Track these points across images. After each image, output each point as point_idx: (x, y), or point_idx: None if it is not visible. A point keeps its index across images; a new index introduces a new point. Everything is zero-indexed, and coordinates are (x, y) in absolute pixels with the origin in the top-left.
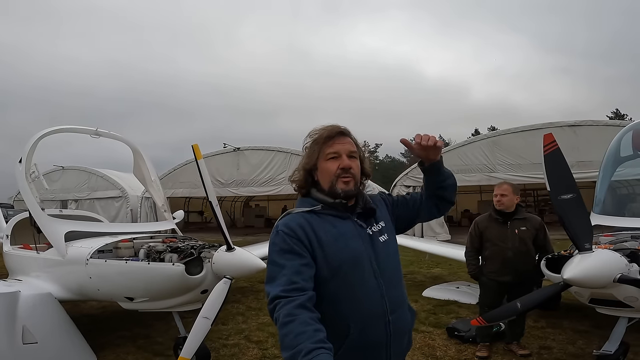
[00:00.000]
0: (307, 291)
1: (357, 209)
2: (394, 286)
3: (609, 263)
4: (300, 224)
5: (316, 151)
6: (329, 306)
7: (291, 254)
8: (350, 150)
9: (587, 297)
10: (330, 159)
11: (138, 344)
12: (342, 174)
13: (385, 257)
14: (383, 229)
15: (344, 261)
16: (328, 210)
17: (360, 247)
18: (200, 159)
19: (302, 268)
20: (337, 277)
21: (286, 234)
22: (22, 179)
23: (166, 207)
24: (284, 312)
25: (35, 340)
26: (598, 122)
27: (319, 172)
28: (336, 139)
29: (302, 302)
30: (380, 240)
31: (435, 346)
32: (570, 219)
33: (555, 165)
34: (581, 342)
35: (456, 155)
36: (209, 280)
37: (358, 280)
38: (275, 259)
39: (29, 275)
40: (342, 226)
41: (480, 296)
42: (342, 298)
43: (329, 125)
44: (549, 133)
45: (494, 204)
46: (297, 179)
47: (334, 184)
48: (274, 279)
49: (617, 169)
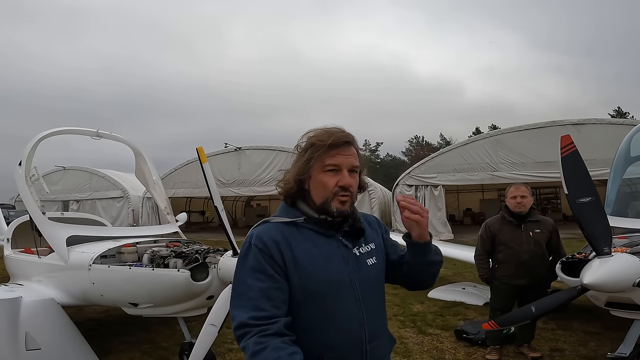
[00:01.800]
0: (277, 318)
1: (344, 227)
2: (376, 314)
3: (629, 267)
4: (275, 240)
5: (314, 158)
6: (302, 334)
7: (262, 274)
8: (352, 165)
9: (604, 300)
10: (328, 171)
11: (143, 349)
12: (339, 192)
13: (370, 281)
14: (372, 251)
15: (322, 285)
16: (311, 224)
17: (342, 269)
18: (205, 163)
19: (273, 292)
20: (313, 302)
21: (260, 250)
22: (22, 182)
23: (169, 209)
24: (254, 341)
25: (38, 346)
26: (601, 120)
27: (312, 183)
28: (340, 149)
29: (272, 331)
30: (367, 263)
31: (443, 349)
32: (589, 222)
33: (574, 167)
34: (593, 343)
35: (459, 153)
36: (214, 286)
37: (336, 307)
38: (243, 277)
39: (31, 280)
40: (324, 245)
41: (491, 300)
42: (316, 325)
43: (333, 128)
44: (566, 135)
45: (512, 206)
46: (286, 186)
47: (329, 201)
48: (240, 299)
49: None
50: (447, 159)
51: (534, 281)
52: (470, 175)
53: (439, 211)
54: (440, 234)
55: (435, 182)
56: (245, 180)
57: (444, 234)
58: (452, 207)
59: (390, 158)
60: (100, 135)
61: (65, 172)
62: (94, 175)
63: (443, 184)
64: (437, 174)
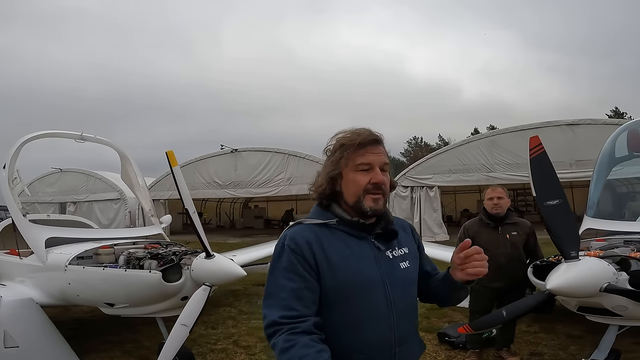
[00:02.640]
0: (308, 317)
1: (376, 229)
2: (407, 317)
3: (596, 272)
4: (308, 240)
5: (344, 158)
6: (332, 334)
7: (294, 274)
8: (384, 163)
9: (575, 305)
10: (360, 170)
11: (125, 348)
12: (372, 189)
13: (403, 284)
14: (406, 255)
15: (354, 286)
16: (343, 226)
17: (374, 271)
18: (176, 166)
19: (304, 292)
20: (344, 303)
21: (292, 251)
22: (4, 185)
23: (153, 211)
24: (283, 338)
25: (16, 344)
26: (596, 120)
27: (344, 182)
28: (369, 147)
29: (302, 329)
30: (400, 267)
31: (425, 352)
32: (557, 225)
33: (542, 169)
34: (573, 347)
35: (454, 154)
36: (188, 287)
37: (367, 308)
38: (276, 276)
39: (14, 280)
40: (357, 247)
41: (470, 303)
42: (347, 326)
43: (361, 128)
44: (535, 135)
45: (490, 207)
46: (321, 189)
47: (361, 199)
48: (272, 299)
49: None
50: (443, 160)
51: (511, 284)
52: (466, 176)
53: (435, 212)
54: (436, 235)
55: (430, 183)
56: (241, 182)
57: (439, 235)
58: (449, 208)
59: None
60: (85, 138)
61: (62, 173)
62: (90, 177)
63: (439, 184)
64: (433, 175)
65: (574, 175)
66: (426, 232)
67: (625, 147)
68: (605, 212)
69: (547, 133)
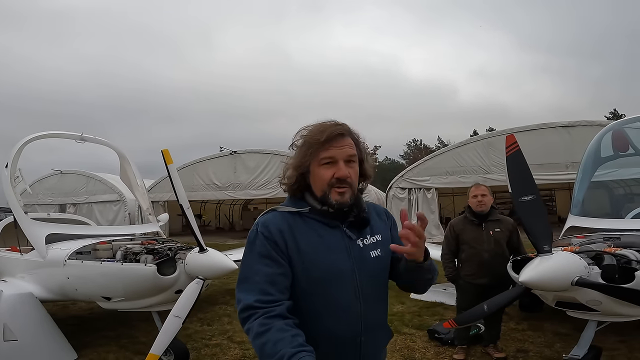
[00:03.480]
0: (282, 302)
1: (349, 218)
2: (375, 306)
3: (567, 266)
4: (280, 228)
5: (309, 154)
6: (303, 321)
7: (268, 260)
8: (348, 155)
9: (552, 300)
10: (324, 164)
11: (121, 343)
12: (336, 183)
13: (372, 273)
14: (378, 242)
15: (322, 275)
16: (315, 215)
17: (344, 260)
18: (171, 164)
19: (278, 277)
20: (313, 291)
21: (265, 237)
22: (7, 184)
23: (151, 210)
24: (259, 322)
25: (15, 337)
26: (592, 122)
27: (312, 176)
28: (333, 142)
29: (276, 313)
30: (370, 255)
31: (415, 348)
32: (530, 220)
33: (517, 166)
34: (559, 345)
35: (451, 156)
36: (182, 281)
37: (335, 297)
38: (250, 261)
39: (15, 276)
40: (328, 235)
41: (457, 299)
42: (315, 314)
43: (325, 122)
44: (510, 134)
45: (474, 205)
46: (290, 182)
47: (327, 193)
48: (247, 283)
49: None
50: (440, 162)
51: (495, 280)
52: (463, 177)
53: (432, 214)
54: (433, 237)
55: (428, 185)
56: (240, 184)
57: (436, 237)
58: (448, 210)
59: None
60: (85, 139)
61: (62, 175)
62: (90, 179)
63: (436, 186)
64: (430, 177)
65: (570, 177)
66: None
67: (610, 147)
68: (589, 210)
69: (543, 135)
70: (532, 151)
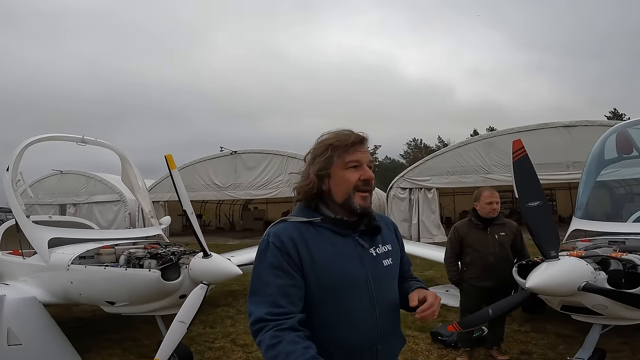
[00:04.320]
0: (294, 314)
1: (360, 227)
2: (389, 314)
3: (574, 271)
4: (293, 238)
5: (334, 157)
6: (317, 331)
7: (280, 271)
8: (370, 160)
9: (558, 304)
10: (350, 168)
11: (124, 346)
12: (362, 186)
13: (386, 282)
14: (390, 252)
15: (337, 285)
16: (328, 224)
17: (358, 269)
18: (174, 169)
19: (290, 289)
20: (327, 301)
21: (277, 248)
22: (8, 187)
23: (152, 213)
24: (270, 335)
25: (19, 342)
26: (593, 122)
27: (334, 181)
28: (358, 146)
29: (287, 326)
30: (383, 264)
31: (418, 351)
32: (537, 226)
33: (524, 171)
34: (562, 347)
35: (452, 156)
36: (186, 286)
37: (350, 306)
38: (261, 273)
39: (17, 280)
40: (341, 245)
41: (461, 302)
42: (331, 323)
43: (347, 129)
44: (518, 139)
45: (487, 211)
46: (308, 188)
47: (351, 197)
48: (258, 295)
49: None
50: (441, 162)
51: (500, 283)
52: (464, 177)
53: (433, 214)
54: (434, 237)
55: (428, 185)
56: (241, 184)
57: (437, 237)
58: (448, 210)
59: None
60: (86, 141)
61: (62, 176)
62: (90, 179)
63: (436, 186)
64: (431, 177)
65: (571, 177)
66: (424, 233)
67: (615, 149)
68: (593, 213)
69: (543, 134)
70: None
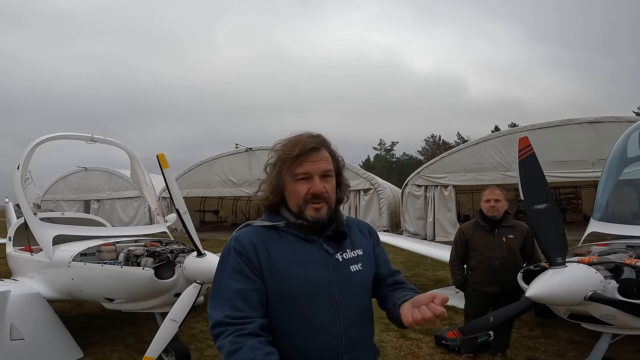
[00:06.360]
0: (254, 319)
1: (327, 231)
2: (357, 323)
3: (580, 280)
4: (253, 243)
5: (283, 170)
6: (277, 338)
7: (241, 275)
8: (323, 170)
9: (565, 312)
10: (300, 180)
11: (126, 342)
12: (311, 199)
13: (353, 288)
14: (359, 257)
15: (296, 290)
16: (292, 229)
17: (320, 274)
18: (167, 168)
19: (250, 294)
20: (288, 308)
21: (238, 252)
22: (17, 185)
23: (159, 210)
24: (230, 340)
25: (22, 336)
26: (620, 118)
27: (287, 192)
28: (307, 156)
29: (248, 331)
30: (350, 270)
31: (420, 355)
32: (543, 230)
33: (530, 171)
34: (572, 354)
35: (469, 153)
36: (181, 285)
37: (312, 313)
38: (222, 277)
39: (25, 275)
40: (303, 250)
41: (465, 307)
42: (291, 331)
43: (299, 135)
44: (524, 137)
45: (486, 210)
46: (266, 202)
47: (303, 209)
48: (218, 299)
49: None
50: (458, 159)
51: (506, 288)
52: (482, 175)
53: (449, 212)
54: (450, 235)
55: (445, 182)
56: (256, 181)
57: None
58: (466, 208)
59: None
60: (95, 140)
61: (86, 172)
62: (113, 176)
63: (453, 184)
64: (447, 174)
65: (596, 175)
66: (440, 231)
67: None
68: (613, 215)
69: (568, 131)
70: (555, 148)
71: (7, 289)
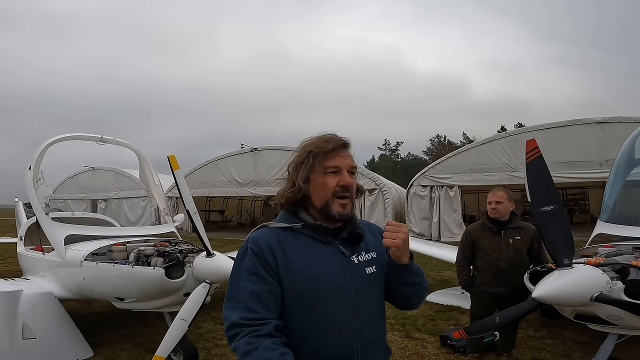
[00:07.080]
0: (269, 320)
1: (342, 234)
2: (372, 324)
3: (587, 281)
4: (270, 244)
5: (314, 163)
6: (293, 339)
7: (256, 277)
8: (351, 165)
9: (570, 313)
10: (329, 173)
11: (135, 341)
12: (340, 192)
13: (367, 290)
14: (373, 259)
15: (313, 291)
16: (308, 231)
17: (336, 276)
18: (177, 169)
19: (266, 295)
20: (304, 309)
21: (255, 253)
22: (29, 185)
23: (167, 210)
24: (245, 341)
25: (33, 335)
26: (628, 118)
27: (313, 186)
28: (338, 151)
29: (264, 332)
30: (366, 272)
31: (425, 354)
32: (550, 232)
33: (538, 173)
34: (578, 354)
35: (475, 153)
36: (190, 284)
37: (328, 314)
38: (238, 279)
39: (37, 275)
40: (320, 251)
41: (471, 307)
42: (307, 331)
43: (328, 134)
44: (532, 139)
45: (488, 211)
46: (290, 194)
47: (330, 203)
48: (233, 300)
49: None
50: (463, 159)
51: (512, 290)
52: (488, 175)
53: (455, 212)
54: (455, 236)
55: (450, 183)
56: (261, 180)
57: (458, 236)
58: (472, 208)
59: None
60: (105, 140)
61: (94, 172)
62: (120, 175)
63: (459, 184)
64: (453, 174)
65: (604, 175)
66: (445, 232)
67: None
68: (620, 216)
69: (576, 131)
70: (562, 148)
71: (19, 288)
